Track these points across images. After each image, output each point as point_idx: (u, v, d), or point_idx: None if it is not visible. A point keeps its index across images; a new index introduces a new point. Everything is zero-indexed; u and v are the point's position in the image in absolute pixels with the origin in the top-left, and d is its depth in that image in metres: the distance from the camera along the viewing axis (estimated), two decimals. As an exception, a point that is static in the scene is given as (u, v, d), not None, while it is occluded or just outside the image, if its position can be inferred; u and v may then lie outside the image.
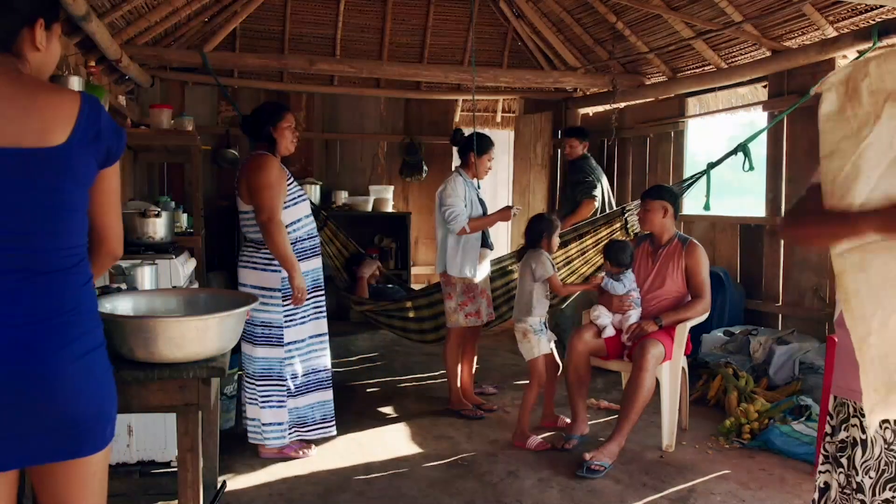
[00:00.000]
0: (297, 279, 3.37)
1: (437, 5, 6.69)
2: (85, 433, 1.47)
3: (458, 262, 4.21)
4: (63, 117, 1.44)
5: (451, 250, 4.23)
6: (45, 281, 1.43)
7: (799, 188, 4.97)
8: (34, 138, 1.41)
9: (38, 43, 1.50)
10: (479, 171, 4.38)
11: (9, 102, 1.40)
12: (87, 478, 1.52)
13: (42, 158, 1.41)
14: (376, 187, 7.08)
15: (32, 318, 1.40)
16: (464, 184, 4.28)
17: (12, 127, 1.39)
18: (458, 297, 4.27)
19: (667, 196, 3.97)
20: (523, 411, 3.85)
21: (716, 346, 4.80)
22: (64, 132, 1.43)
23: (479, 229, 4.28)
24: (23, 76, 1.47)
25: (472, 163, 4.34)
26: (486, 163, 4.39)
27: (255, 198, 3.35)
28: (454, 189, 4.22)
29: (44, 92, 1.47)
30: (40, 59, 1.53)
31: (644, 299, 3.93)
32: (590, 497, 3.21)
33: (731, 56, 5.43)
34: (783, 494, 3.24)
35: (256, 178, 3.36)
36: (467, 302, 4.28)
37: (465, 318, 4.28)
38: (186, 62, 5.85)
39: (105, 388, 1.52)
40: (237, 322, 2.05)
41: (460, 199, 4.20)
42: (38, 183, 1.42)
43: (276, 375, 3.49)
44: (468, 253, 4.24)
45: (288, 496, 3.18)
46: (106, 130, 1.50)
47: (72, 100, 1.46)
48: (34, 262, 1.42)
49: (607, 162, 6.95)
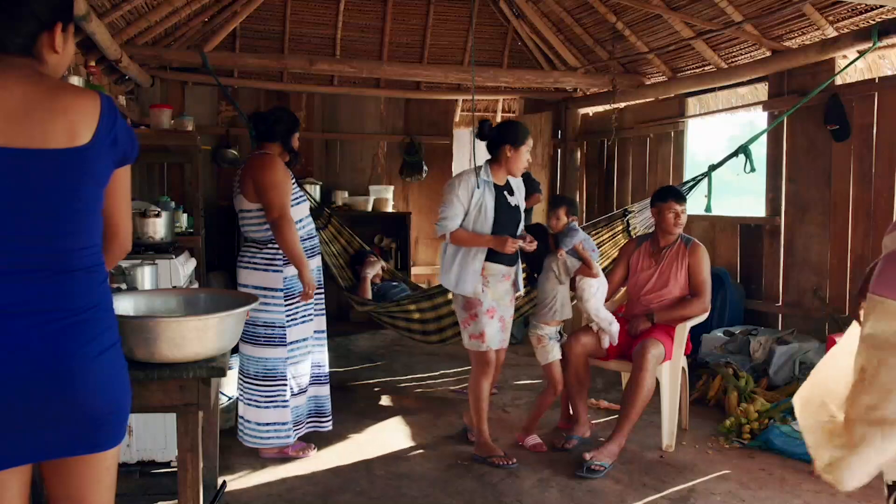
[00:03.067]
0: (307, 275, 3.38)
1: (437, 5, 6.70)
2: (103, 428, 1.50)
3: (454, 274, 3.55)
4: (87, 118, 1.46)
5: (446, 259, 3.61)
6: (67, 280, 1.46)
7: (799, 188, 4.98)
8: (60, 139, 1.43)
9: (57, 46, 1.53)
10: (516, 166, 3.60)
11: (34, 105, 1.43)
12: (101, 472, 1.54)
13: (67, 159, 1.44)
14: (376, 187, 7.08)
15: (57, 315, 1.43)
16: (477, 182, 3.53)
17: (39, 128, 1.42)
18: (460, 312, 3.65)
19: (685, 196, 4.06)
20: (536, 410, 3.87)
21: (716, 346, 4.81)
22: (88, 133, 1.45)
23: (464, 244, 3.52)
24: (44, 78, 1.49)
25: (507, 157, 3.56)
26: (524, 155, 3.60)
27: (264, 196, 3.35)
28: (457, 186, 3.53)
29: (66, 93, 1.48)
30: (56, 60, 1.55)
31: (646, 299, 3.93)
32: (590, 497, 3.21)
33: (731, 56, 5.43)
34: (783, 494, 3.24)
35: (264, 177, 3.36)
36: (469, 320, 3.60)
37: (469, 340, 3.61)
38: (186, 62, 5.85)
39: (122, 384, 1.56)
40: (237, 322, 2.05)
41: (459, 200, 3.51)
42: (63, 183, 1.44)
43: (280, 375, 3.50)
44: (466, 266, 3.53)
45: (288, 496, 3.18)
46: (122, 131, 1.53)
47: (93, 100, 1.48)
48: (57, 262, 1.45)
49: (607, 162, 6.96)
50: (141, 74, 5.50)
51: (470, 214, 3.51)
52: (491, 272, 3.56)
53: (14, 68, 1.46)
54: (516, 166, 3.58)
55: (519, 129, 3.63)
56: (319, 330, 3.69)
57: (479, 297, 3.53)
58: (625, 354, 3.82)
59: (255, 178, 3.38)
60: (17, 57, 1.47)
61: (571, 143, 7.19)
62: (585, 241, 3.77)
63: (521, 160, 3.58)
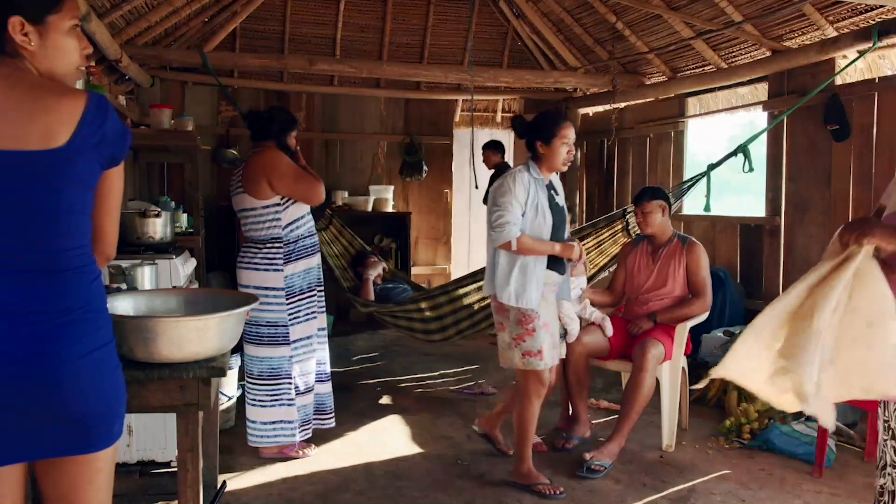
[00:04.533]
0: None
1: (437, 5, 6.70)
2: (95, 428, 1.49)
3: (513, 286, 3.12)
4: (65, 119, 1.42)
5: (500, 269, 3.17)
6: (55, 280, 1.45)
7: (799, 187, 4.98)
8: (37, 141, 1.40)
9: (22, 42, 1.45)
10: (553, 162, 3.22)
11: (10, 105, 1.40)
12: (94, 473, 1.53)
13: (44, 160, 1.41)
14: (376, 187, 7.09)
15: (45, 315, 1.42)
16: (530, 182, 3.17)
17: (15, 130, 1.39)
18: (512, 328, 3.20)
19: (660, 195, 3.98)
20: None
21: (716, 346, 4.80)
22: (66, 134, 1.41)
23: (531, 252, 3.12)
24: (26, 77, 1.45)
25: (541, 154, 3.21)
26: (560, 149, 3.20)
27: (293, 185, 3.46)
28: (512, 186, 3.12)
29: (48, 93, 1.45)
30: (40, 57, 1.48)
31: (645, 298, 3.93)
32: (590, 497, 3.21)
33: (731, 56, 5.43)
34: (783, 494, 3.24)
35: (284, 170, 3.44)
36: (524, 336, 3.17)
37: (522, 359, 3.18)
38: (186, 62, 5.85)
39: (115, 384, 1.54)
40: (237, 322, 2.05)
41: (517, 202, 3.11)
42: (42, 185, 1.42)
43: (284, 374, 3.51)
44: (529, 276, 3.12)
45: (288, 496, 3.18)
46: (111, 131, 1.48)
47: (76, 100, 1.44)
48: (44, 263, 1.44)
49: (607, 162, 6.96)
50: (141, 74, 5.50)
51: (526, 216, 3.14)
52: (548, 281, 3.21)
53: None
54: (554, 163, 3.22)
55: (550, 121, 3.27)
56: (321, 328, 3.71)
57: (538, 310, 3.16)
58: (625, 354, 3.82)
59: (269, 174, 3.42)
60: None
61: (571, 143, 7.18)
62: None
63: (557, 155, 3.20)
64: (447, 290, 4.89)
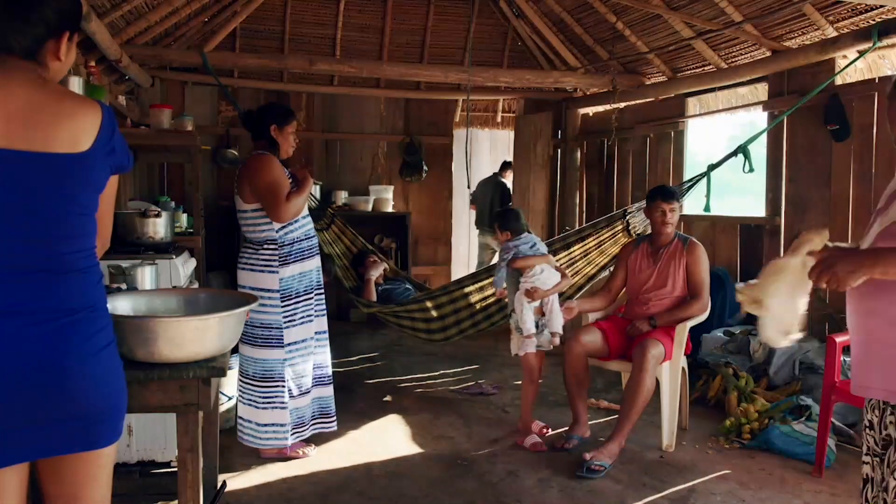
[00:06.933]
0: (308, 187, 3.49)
1: (437, 5, 6.70)
2: (98, 426, 1.53)
3: None
4: (87, 126, 1.49)
5: None
6: (64, 280, 1.48)
7: (799, 188, 4.97)
8: (62, 144, 1.45)
9: (62, 54, 1.55)
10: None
11: (38, 109, 1.45)
12: (96, 470, 1.57)
13: (67, 164, 1.46)
14: (376, 187, 7.09)
15: (51, 315, 1.45)
16: None
17: (41, 132, 1.44)
18: None
19: (679, 195, 4.04)
20: (523, 407, 3.88)
21: (716, 346, 4.80)
22: (88, 140, 1.48)
23: None
24: (48, 84, 1.51)
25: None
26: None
27: (262, 197, 3.38)
28: None
29: (70, 100, 1.51)
30: (58, 67, 1.57)
31: (645, 298, 3.94)
32: (590, 497, 3.21)
33: (732, 56, 5.43)
34: (783, 494, 3.24)
35: (260, 179, 3.38)
36: None
37: None
38: (186, 62, 5.85)
39: (119, 382, 1.58)
40: (237, 322, 2.05)
41: None
42: (62, 188, 1.47)
43: (277, 376, 3.49)
44: None
45: (288, 496, 3.18)
46: (118, 141, 1.56)
47: (95, 109, 1.51)
48: (53, 264, 1.47)
49: (607, 162, 6.95)
50: (141, 74, 5.50)
51: None
52: None
53: (19, 71, 1.47)
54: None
55: None
56: (321, 331, 3.68)
57: None
58: (625, 354, 3.82)
59: (252, 180, 3.40)
60: (22, 60, 1.49)
61: (571, 143, 7.18)
62: (517, 252, 3.84)
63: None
64: (448, 290, 4.90)
